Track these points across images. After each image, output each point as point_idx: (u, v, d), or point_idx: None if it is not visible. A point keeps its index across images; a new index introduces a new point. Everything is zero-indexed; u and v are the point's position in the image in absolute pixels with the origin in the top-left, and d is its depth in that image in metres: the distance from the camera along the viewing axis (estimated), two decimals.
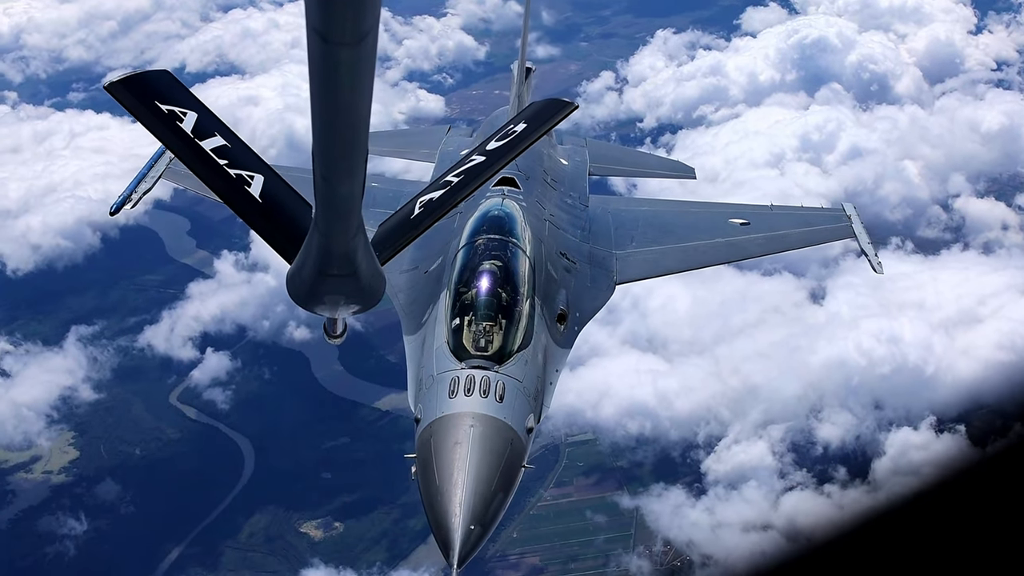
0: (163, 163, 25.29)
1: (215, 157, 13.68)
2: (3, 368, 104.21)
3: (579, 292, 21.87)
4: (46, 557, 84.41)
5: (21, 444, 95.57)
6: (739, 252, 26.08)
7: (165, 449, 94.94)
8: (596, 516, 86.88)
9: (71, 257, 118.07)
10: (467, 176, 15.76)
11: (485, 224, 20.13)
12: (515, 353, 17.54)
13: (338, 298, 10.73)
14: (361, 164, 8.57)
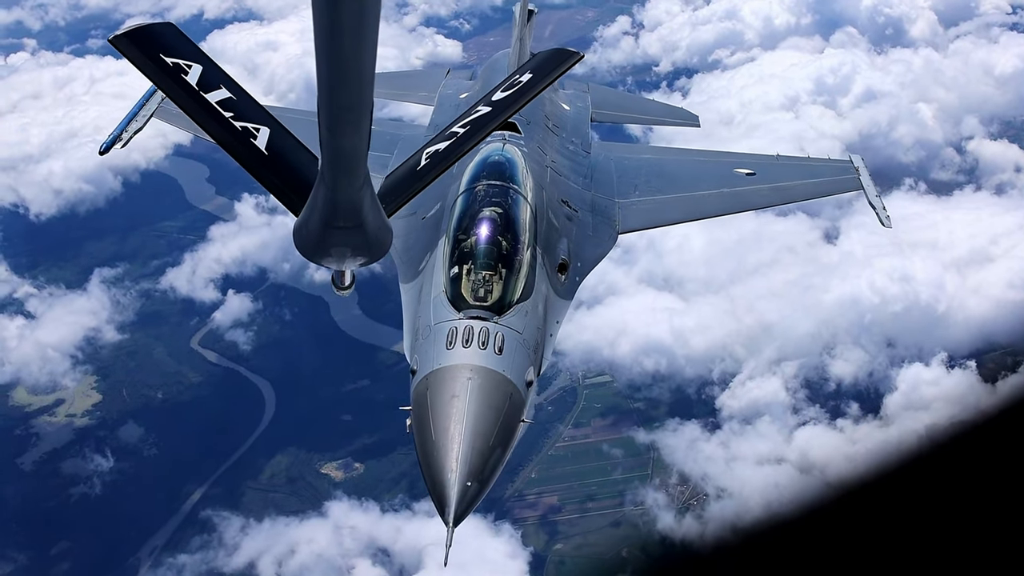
0: (154, 102, 25.27)
1: (220, 110, 13.68)
2: (28, 310, 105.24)
3: (581, 241, 21.57)
4: (71, 498, 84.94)
5: (46, 385, 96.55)
6: (744, 203, 25.62)
7: (187, 392, 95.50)
8: (613, 452, 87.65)
9: (93, 201, 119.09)
10: (473, 127, 15.42)
11: (485, 169, 19.74)
12: (515, 304, 17.18)
13: (345, 250, 10.53)
14: (366, 117, 8.66)
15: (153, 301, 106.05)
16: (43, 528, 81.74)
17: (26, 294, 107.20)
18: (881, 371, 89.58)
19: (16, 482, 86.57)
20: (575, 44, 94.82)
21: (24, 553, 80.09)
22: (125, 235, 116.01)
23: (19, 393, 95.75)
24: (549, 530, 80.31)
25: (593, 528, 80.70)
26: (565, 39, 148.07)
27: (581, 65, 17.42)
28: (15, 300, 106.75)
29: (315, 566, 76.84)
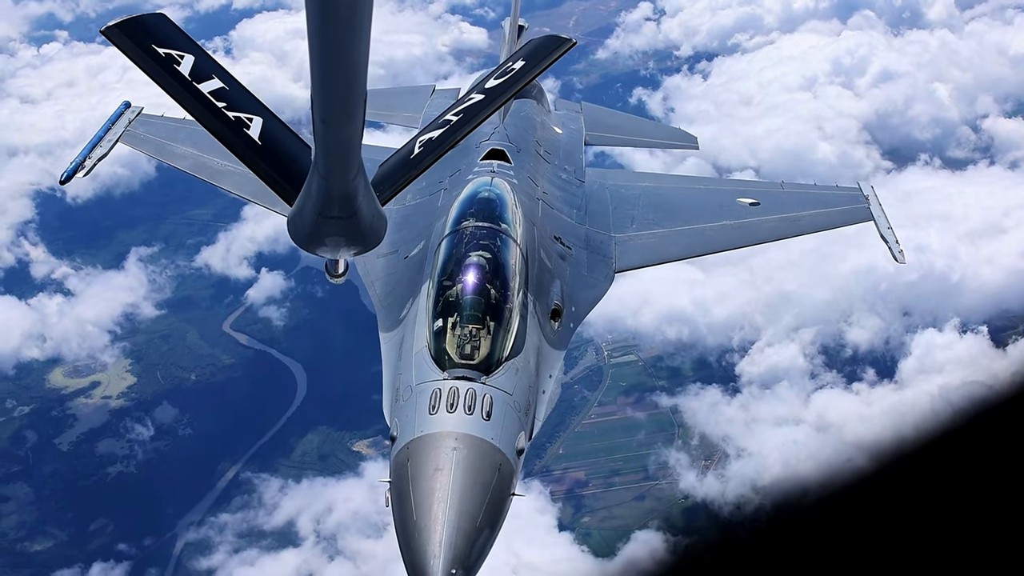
0: (120, 126, 24.85)
1: (213, 100, 13.61)
2: (67, 288, 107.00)
3: (575, 283, 20.44)
4: (107, 477, 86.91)
5: (87, 360, 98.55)
6: (747, 236, 24.20)
7: (219, 374, 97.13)
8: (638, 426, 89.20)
9: (128, 184, 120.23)
10: (466, 115, 15.09)
11: (473, 207, 18.80)
12: (504, 361, 16.07)
13: (339, 240, 10.51)
14: (360, 107, 8.66)
15: (185, 285, 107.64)
16: (81, 506, 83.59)
17: (64, 274, 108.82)
18: (896, 337, 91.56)
19: (54, 462, 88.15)
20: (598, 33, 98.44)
21: (64, 530, 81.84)
22: (160, 217, 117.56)
23: (56, 376, 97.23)
24: (575, 504, 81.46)
25: (618, 502, 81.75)
26: (588, 28, 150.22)
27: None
28: (53, 280, 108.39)
29: (352, 523, 78.60)
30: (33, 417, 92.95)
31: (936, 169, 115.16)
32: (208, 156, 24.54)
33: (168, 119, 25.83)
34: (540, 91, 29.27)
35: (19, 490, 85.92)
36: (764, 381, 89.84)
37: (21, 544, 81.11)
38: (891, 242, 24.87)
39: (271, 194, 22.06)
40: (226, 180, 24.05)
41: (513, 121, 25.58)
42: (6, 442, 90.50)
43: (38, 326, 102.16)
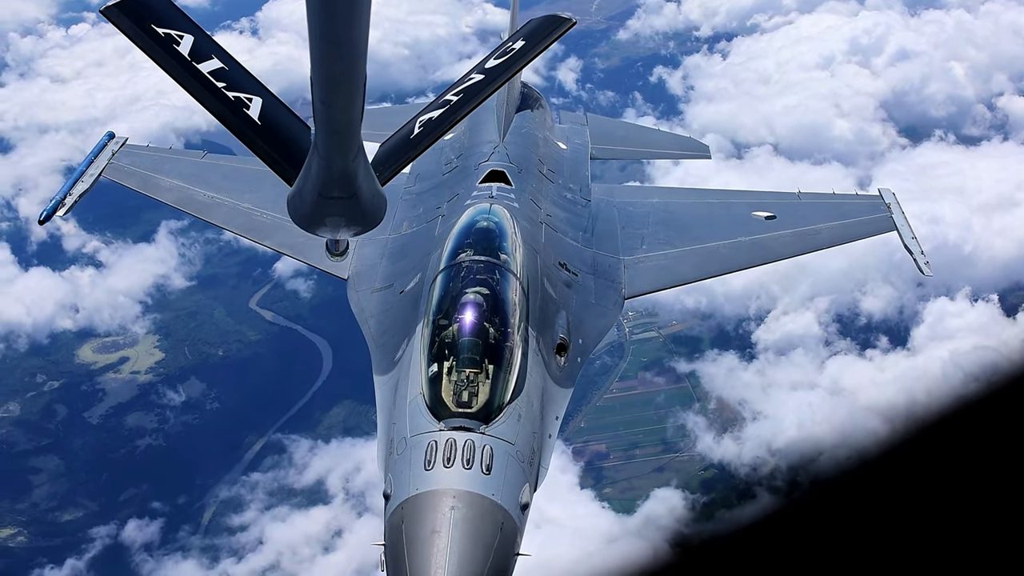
0: (104, 158, 24.15)
1: (213, 80, 13.47)
2: (99, 260, 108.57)
3: (581, 313, 19.50)
4: (136, 449, 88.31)
5: (117, 332, 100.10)
6: (765, 254, 23.18)
7: (246, 350, 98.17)
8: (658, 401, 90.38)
9: None
10: (466, 95, 14.78)
11: (470, 237, 17.99)
12: (505, 407, 15.12)
13: (339, 220, 10.50)
14: (360, 89, 8.64)
15: (212, 263, 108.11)
16: (111, 477, 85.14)
17: (95, 248, 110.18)
18: (910, 306, 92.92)
19: (84, 435, 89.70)
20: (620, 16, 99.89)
21: (95, 500, 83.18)
22: None
23: (85, 351, 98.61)
24: (596, 475, 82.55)
25: (638, 473, 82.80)
26: (610, 12, 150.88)
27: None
28: (84, 254, 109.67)
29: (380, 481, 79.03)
30: (63, 391, 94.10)
31: (951, 145, 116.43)
32: (194, 188, 23.99)
33: (153, 149, 25.55)
34: (543, 103, 28.40)
35: (50, 462, 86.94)
36: (780, 348, 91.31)
37: (52, 514, 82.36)
38: (916, 253, 23.76)
39: (260, 228, 22.91)
40: (214, 213, 23.48)
41: (514, 139, 24.72)
42: (37, 416, 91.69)
43: (71, 297, 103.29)
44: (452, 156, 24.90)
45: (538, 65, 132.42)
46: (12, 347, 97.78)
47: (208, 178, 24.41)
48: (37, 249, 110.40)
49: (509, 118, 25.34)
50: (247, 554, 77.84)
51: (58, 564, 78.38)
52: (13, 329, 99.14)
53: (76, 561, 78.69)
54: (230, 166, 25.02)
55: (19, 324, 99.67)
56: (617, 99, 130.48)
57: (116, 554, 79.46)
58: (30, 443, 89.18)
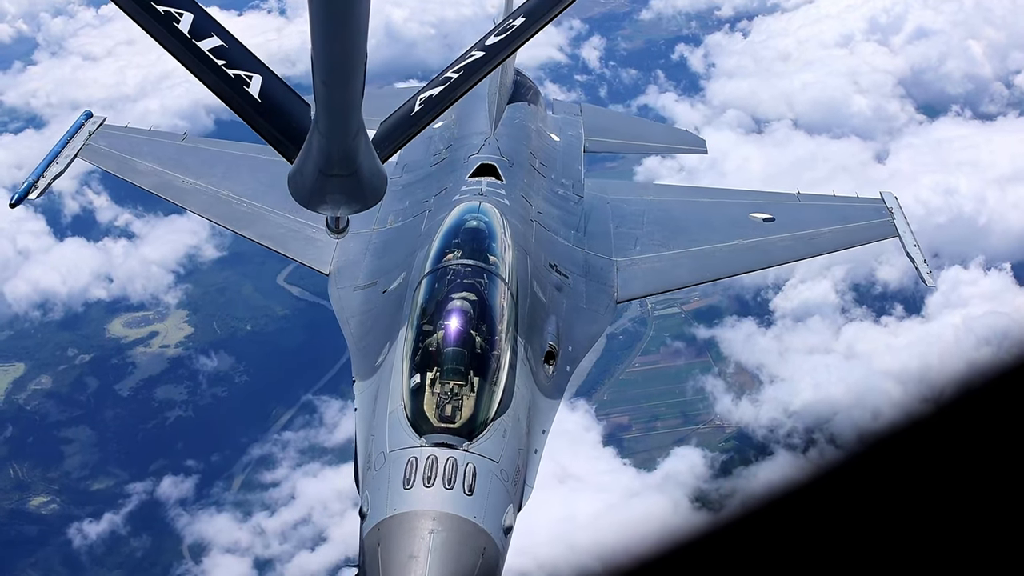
0: (80, 139, 23.56)
1: (213, 57, 13.24)
2: (132, 231, 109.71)
3: (571, 318, 18.87)
4: (166, 421, 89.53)
5: (149, 302, 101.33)
6: (762, 258, 22.66)
7: (273, 324, 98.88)
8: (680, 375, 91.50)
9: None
10: (466, 72, 14.58)
11: (458, 236, 17.46)
12: (490, 422, 14.47)
13: (339, 198, 10.55)
14: (360, 68, 8.76)
15: (240, 240, 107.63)
16: (141, 448, 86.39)
17: (127, 221, 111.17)
18: None
19: (115, 407, 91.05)
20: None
21: (126, 470, 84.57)
22: None
23: (115, 326, 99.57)
24: (618, 446, 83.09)
25: (659, 445, 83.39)
26: None
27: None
28: (116, 227, 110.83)
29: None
30: (94, 365, 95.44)
31: (967, 120, 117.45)
32: (173, 173, 23.48)
33: (132, 130, 24.94)
34: (536, 93, 27.69)
35: (81, 433, 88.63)
36: (797, 315, 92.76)
37: (84, 483, 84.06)
38: (919, 262, 22.87)
39: (239, 217, 22.79)
40: (192, 200, 23.04)
41: (506, 130, 24.13)
42: (68, 388, 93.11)
43: (105, 267, 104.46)
44: (441, 147, 24.34)
45: (562, 43, 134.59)
46: (44, 321, 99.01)
47: (187, 163, 23.91)
48: (71, 221, 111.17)
49: (501, 108, 24.65)
50: (279, 508, 79.14)
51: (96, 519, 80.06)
52: (49, 297, 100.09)
53: (113, 516, 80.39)
54: (210, 150, 24.79)
55: (55, 293, 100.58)
56: (640, 77, 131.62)
57: (151, 510, 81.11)
58: (62, 414, 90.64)
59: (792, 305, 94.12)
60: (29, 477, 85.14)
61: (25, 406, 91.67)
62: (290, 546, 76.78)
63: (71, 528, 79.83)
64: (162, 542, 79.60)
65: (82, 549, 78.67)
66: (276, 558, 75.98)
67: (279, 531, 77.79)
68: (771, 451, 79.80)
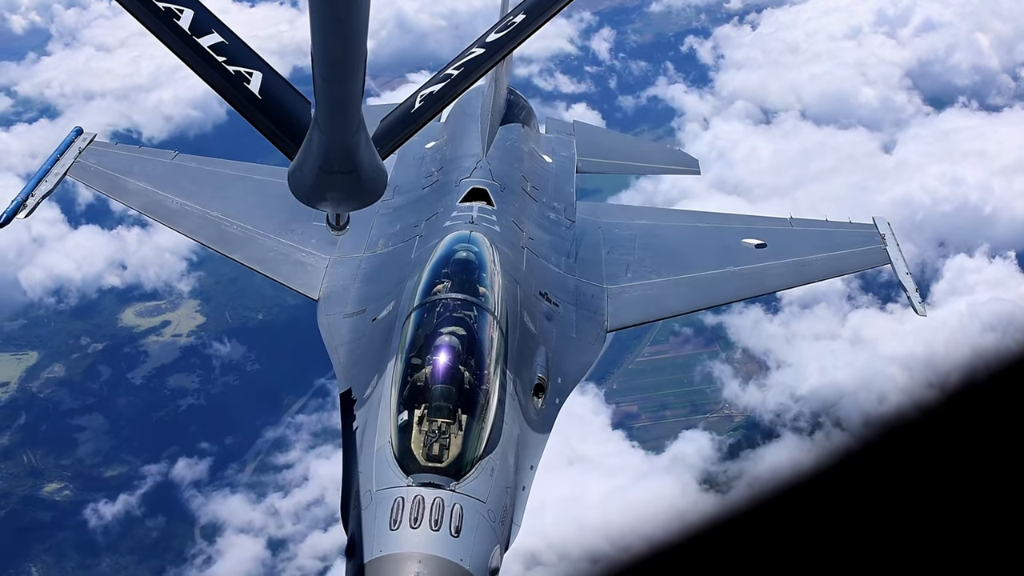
0: (70, 156, 23.03)
1: (213, 54, 13.40)
2: (145, 220, 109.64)
3: (562, 348, 18.57)
4: (179, 408, 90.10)
5: (163, 289, 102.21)
6: (753, 286, 22.30)
7: (285, 314, 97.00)
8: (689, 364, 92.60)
9: (201, 126, 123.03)
10: (466, 69, 14.66)
11: (448, 267, 17.16)
12: (478, 461, 14.29)
13: (340, 195, 10.62)
14: (360, 65, 8.81)
15: None
16: (154, 435, 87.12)
17: None
18: (931, 264, 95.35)
19: (128, 395, 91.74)
20: None
21: (138, 456, 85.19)
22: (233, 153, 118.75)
23: (128, 315, 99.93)
24: (628, 434, 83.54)
25: (668, 434, 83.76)
26: None
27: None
28: (130, 215, 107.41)
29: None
30: (106, 354, 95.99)
31: (974, 111, 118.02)
32: (163, 193, 23.00)
33: (122, 147, 24.63)
34: (529, 112, 27.50)
35: (94, 420, 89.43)
36: (804, 302, 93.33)
37: (97, 469, 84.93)
38: (910, 291, 22.87)
39: (228, 240, 22.25)
40: (182, 221, 22.53)
41: (498, 152, 23.80)
42: (81, 376, 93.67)
43: (119, 254, 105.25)
44: (433, 168, 23.98)
45: (572, 34, 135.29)
46: (57, 310, 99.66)
47: (177, 182, 23.47)
48: (85, 209, 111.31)
49: (494, 129, 24.31)
50: (292, 490, 79.94)
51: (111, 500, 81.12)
52: (64, 284, 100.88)
53: (128, 497, 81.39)
54: (200, 169, 24.37)
55: (70, 279, 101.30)
56: (649, 68, 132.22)
57: (166, 491, 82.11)
58: (75, 402, 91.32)
59: (799, 293, 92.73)
60: (43, 464, 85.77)
61: (38, 394, 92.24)
62: (303, 526, 77.44)
63: (87, 509, 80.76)
64: (176, 523, 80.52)
65: (98, 530, 79.62)
66: (289, 538, 76.58)
67: (292, 512, 78.48)
68: (778, 434, 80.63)
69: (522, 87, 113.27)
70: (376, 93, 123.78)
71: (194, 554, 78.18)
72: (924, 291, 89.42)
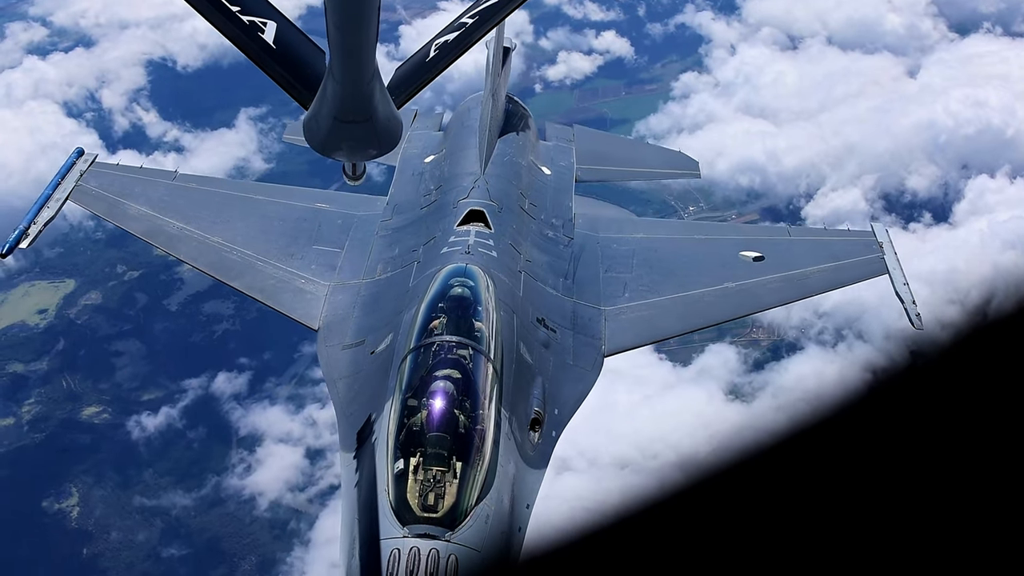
0: (71, 179, 22.52)
1: (227, 4, 13.28)
2: (182, 144, 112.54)
3: (559, 378, 18.21)
4: (215, 334, 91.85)
5: None
6: (750, 303, 21.64)
7: None
8: None
9: (235, 55, 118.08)
10: (481, 17, 14.40)
11: (444, 302, 17.01)
12: (473, 507, 14.08)
13: (354, 144, 10.65)
14: (373, 12, 8.79)
15: (284, 160, 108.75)
16: (191, 358, 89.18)
17: (175, 137, 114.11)
18: (953, 185, 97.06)
19: (164, 320, 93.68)
20: None
21: (175, 381, 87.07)
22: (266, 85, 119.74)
23: None
24: (656, 347, 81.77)
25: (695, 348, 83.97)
26: None
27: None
28: (165, 142, 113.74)
29: None
30: (142, 281, 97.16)
31: (998, 36, 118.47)
32: (163, 218, 22.57)
33: (122, 168, 23.92)
34: (526, 119, 26.81)
35: (131, 346, 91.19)
36: (828, 222, 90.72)
37: (135, 393, 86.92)
38: (907, 302, 20.95)
39: (229, 267, 21.70)
40: (182, 248, 22.08)
41: (495, 169, 23.26)
42: (118, 303, 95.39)
43: None
44: (431, 187, 23.55)
45: None
46: (94, 238, 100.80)
47: (177, 205, 23.03)
48: (122, 136, 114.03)
49: (492, 143, 23.89)
50: (329, 402, 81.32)
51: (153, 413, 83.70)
52: None
53: (170, 409, 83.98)
54: (201, 190, 23.82)
55: None
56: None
57: (206, 404, 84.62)
58: (112, 328, 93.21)
59: (823, 213, 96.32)
60: (81, 388, 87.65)
61: (76, 320, 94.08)
62: None
63: (130, 421, 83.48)
64: (216, 434, 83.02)
65: (140, 441, 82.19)
66: (327, 448, 78.29)
67: (330, 423, 78.84)
68: (802, 347, 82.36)
69: (551, 16, 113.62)
70: (407, 22, 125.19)
71: (234, 463, 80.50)
72: (946, 212, 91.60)
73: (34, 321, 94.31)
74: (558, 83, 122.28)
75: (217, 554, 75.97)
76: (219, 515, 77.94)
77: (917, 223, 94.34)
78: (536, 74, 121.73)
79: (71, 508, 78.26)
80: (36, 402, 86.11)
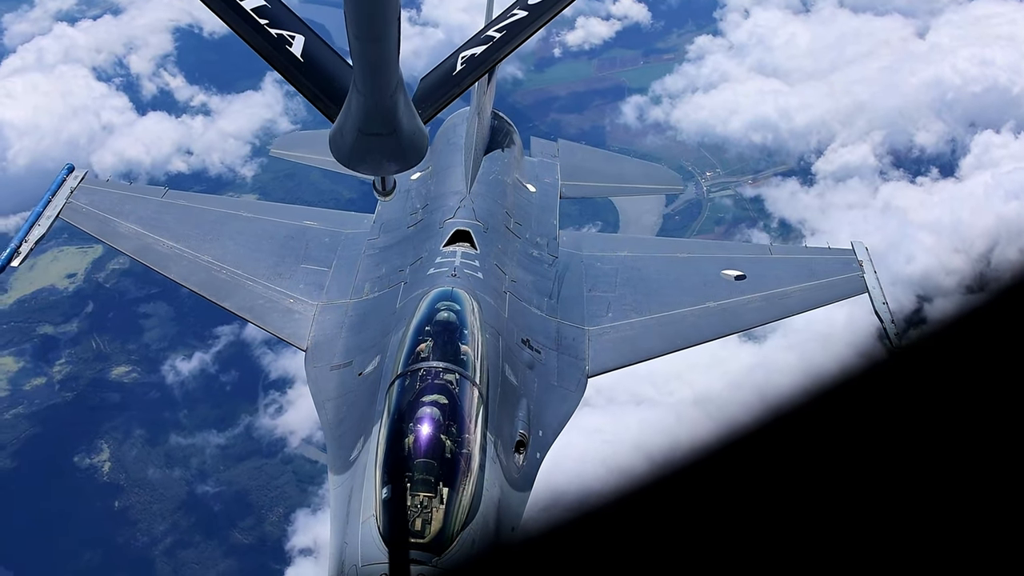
0: (62, 196, 22.63)
1: (256, 17, 13.41)
2: (209, 107, 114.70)
3: (543, 399, 18.23)
4: None
5: (227, 176, 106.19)
6: (731, 322, 21.48)
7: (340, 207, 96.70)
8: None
9: None
10: (509, 32, 14.49)
11: (430, 326, 16.88)
12: (459, 532, 14.12)
13: (379, 157, 10.61)
14: (394, 23, 8.90)
15: (314, 119, 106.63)
16: (218, 318, 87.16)
17: (201, 102, 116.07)
18: (960, 140, 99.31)
19: None
20: None
21: (203, 342, 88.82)
22: None
23: None
24: None
25: None
26: None
27: None
28: (192, 106, 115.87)
29: None
30: None
31: None
32: (153, 236, 22.60)
33: (113, 185, 24.09)
34: (512, 135, 26.80)
35: (160, 308, 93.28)
36: (838, 176, 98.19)
37: (163, 353, 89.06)
38: (887, 322, 20.88)
39: (218, 286, 21.62)
40: (172, 267, 22.04)
41: (481, 188, 23.25)
42: (144, 267, 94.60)
43: (185, 140, 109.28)
44: (418, 205, 23.45)
45: None
46: None
47: (167, 223, 23.07)
48: (151, 100, 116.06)
49: (477, 162, 23.93)
50: None
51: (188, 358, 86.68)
52: (134, 168, 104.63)
53: (203, 355, 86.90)
54: (192, 207, 23.89)
55: (139, 163, 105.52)
56: None
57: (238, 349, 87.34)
58: (140, 291, 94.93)
59: (833, 168, 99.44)
60: (110, 349, 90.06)
61: (104, 284, 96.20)
62: None
63: (164, 366, 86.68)
64: (248, 377, 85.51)
65: (175, 385, 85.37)
66: None
67: None
68: None
69: None
70: None
71: (266, 404, 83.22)
72: (953, 167, 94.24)
73: (63, 285, 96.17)
74: (576, 48, 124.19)
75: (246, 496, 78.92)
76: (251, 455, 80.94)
77: (924, 177, 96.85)
78: (556, 39, 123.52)
79: (102, 463, 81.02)
80: (67, 362, 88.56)
